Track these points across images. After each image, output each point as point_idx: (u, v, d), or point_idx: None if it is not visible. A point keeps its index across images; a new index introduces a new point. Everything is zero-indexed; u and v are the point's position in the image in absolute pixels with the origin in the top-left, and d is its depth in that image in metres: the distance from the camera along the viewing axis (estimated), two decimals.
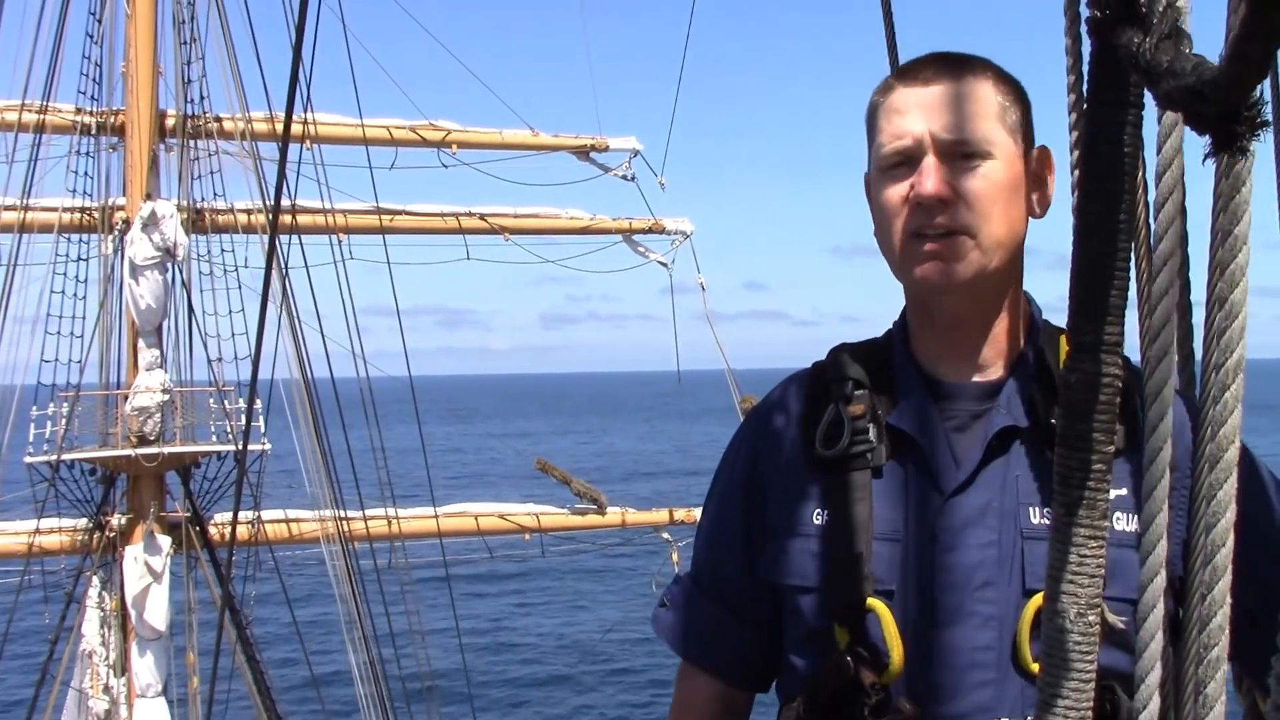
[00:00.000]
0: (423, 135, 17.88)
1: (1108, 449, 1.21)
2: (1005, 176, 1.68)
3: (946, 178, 1.66)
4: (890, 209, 1.71)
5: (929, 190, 1.65)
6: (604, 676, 29.06)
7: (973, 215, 1.66)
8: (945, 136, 1.67)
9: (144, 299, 15.18)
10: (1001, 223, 1.68)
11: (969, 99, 1.68)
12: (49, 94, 16.15)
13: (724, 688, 1.94)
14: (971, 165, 1.67)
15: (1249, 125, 0.86)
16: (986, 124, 1.68)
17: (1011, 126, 1.70)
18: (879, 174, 1.74)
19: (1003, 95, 1.71)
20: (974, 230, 1.66)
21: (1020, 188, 1.71)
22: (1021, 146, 1.72)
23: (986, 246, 1.67)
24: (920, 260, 1.69)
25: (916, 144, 1.68)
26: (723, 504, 1.92)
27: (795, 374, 1.91)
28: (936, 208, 1.66)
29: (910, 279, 1.73)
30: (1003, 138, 1.69)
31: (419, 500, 18.28)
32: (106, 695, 15.42)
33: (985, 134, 1.67)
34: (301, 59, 3.17)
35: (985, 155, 1.67)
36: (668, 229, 19.26)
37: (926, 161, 1.67)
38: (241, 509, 13.65)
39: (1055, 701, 1.22)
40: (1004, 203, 1.68)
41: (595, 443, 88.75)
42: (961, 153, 1.67)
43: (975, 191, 1.66)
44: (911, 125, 1.69)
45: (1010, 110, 1.71)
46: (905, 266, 1.72)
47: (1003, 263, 1.70)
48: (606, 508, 18.15)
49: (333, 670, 20.92)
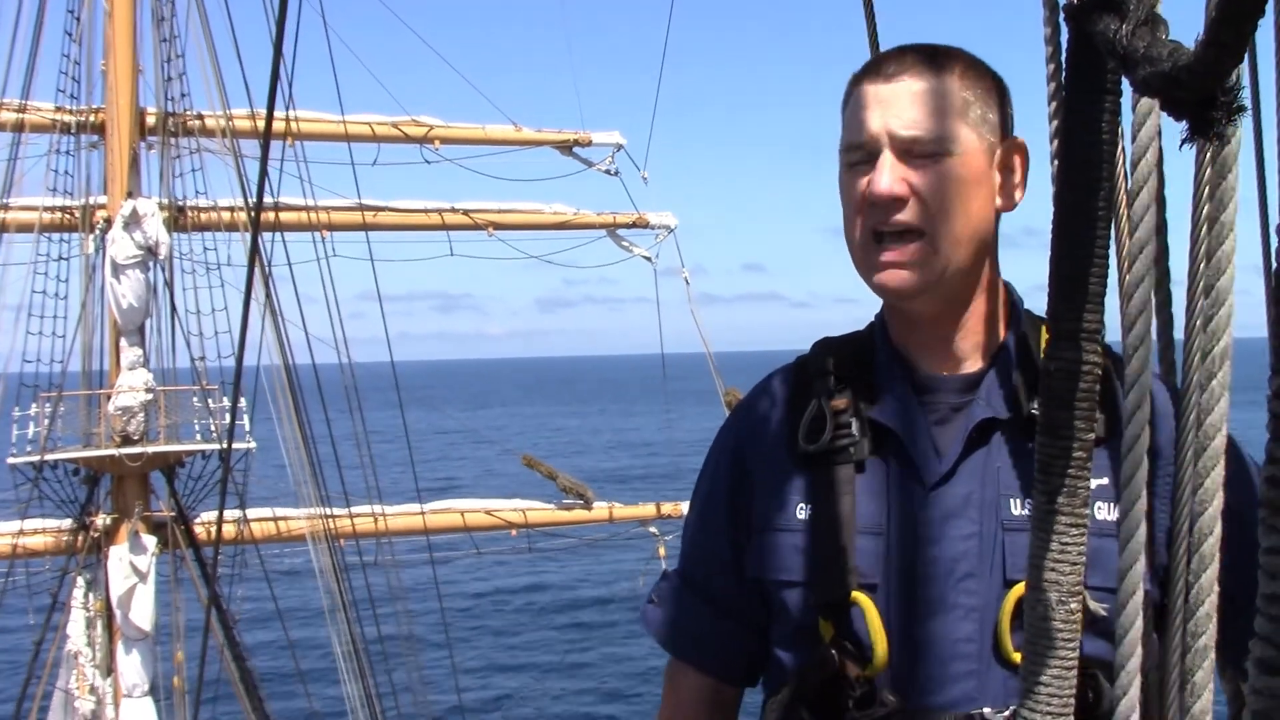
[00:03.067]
0: (405, 131, 17.85)
1: (1088, 436, 1.21)
2: (965, 173, 1.67)
3: (902, 175, 1.65)
4: (851, 205, 1.71)
5: (881, 189, 1.65)
6: (592, 672, 29.07)
7: (929, 213, 1.65)
8: (901, 134, 1.66)
9: (126, 298, 15.11)
10: (960, 220, 1.67)
11: (930, 95, 1.67)
12: (27, 92, 16.13)
13: (712, 683, 1.94)
14: (930, 163, 1.66)
15: (1226, 110, 0.85)
16: (946, 120, 1.67)
17: (975, 121, 1.69)
18: (843, 168, 1.74)
19: (969, 89, 1.70)
20: (929, 228, 1.65)
21: (984, 182, 1.70)
22: (988, 140, 1.71)
23: (944, 246, 1.67)
24: (877, 268, 1.69)
25: (874, 140, 1.68)
26: (708, 500, 1.92)
27: (779, 368, 1.91)
28: (892, 205, 1.66)
29: (870, 285, 1.73)
30: (964, 133, 1.68)
31: (404, 493, 18.25)
32: (93, 696, 15.37)
33: (944, 131, 1.66)
34: (282, 55, 3.15)
35: (944, 153, 1.66)
36: (651, 223, 19.26)
37: (882, 159, 1.66)
38: (227, 508, 13.62)
39: (1038, 689, 1.22)
40: (964, 199, 1.67)
41: (583, 431, 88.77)
42: (918, 151, 1.66)
43: (931, 189, 1.65)
44: (871, 121, 1.68)
45: (975, 105, 1.70)
46: (864, 272, 1.72)
47: (966, 259, 1.69)
48: (593, 502, 18.16)
49: (320, 668, 20.88)
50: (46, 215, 16.13)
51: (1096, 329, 1.20)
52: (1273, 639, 0.65)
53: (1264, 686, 0.64)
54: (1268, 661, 0.64)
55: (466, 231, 18.55)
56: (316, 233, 16.52)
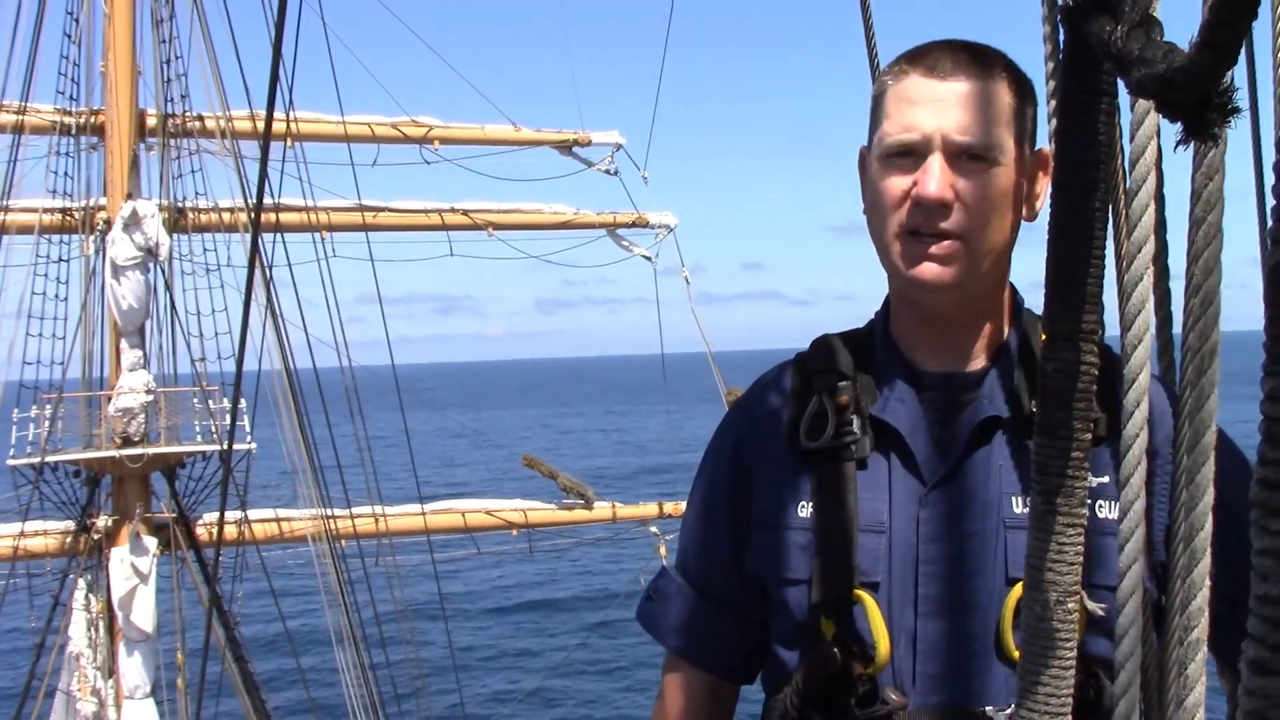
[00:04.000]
0: (405, 132, 17.83)
1: (1085, 436, 1.21)
2: (1008, 183, 1.66)
3: (950, 180, 1.63)
4: (888, 201, 1.68)
5: (932, 193, 1.62)
6: (590, 669, 29.06)
7: (971, 221, 1.64)
8: (957, 139, 1.63)
9: (126, 299, 15.10)
10: (997, 229, 1.66)
11: (986, 101, 1.65)
12: (27, 94, 16.08)
13: (710, 680, 1.94)
14: (978, 170, 1.64)
15: (1221, 112, 0.85)
16: (999, 129, 1.65)
17: (1019, 131, 1.68)
18: (880, 160, 1.70)
19: (1016, 98, 1.68)
20: (970, 236, 1.64)
21: (1018, 192, 1.69)
22: (1025, 149, 1.69)
23: (979, 252, 1.65)
24: (915, 260, 1.66)
25: (925, 141, 1.64)
26: (708, 496, 1.92)
27: (779, 365, 1.90)
28: (937, 210, 1.63)
29: (901, 275, 1.70)
30: (1009, 143, 1.66)
31: (405, 493, 18.23)
32: (94, 697, 15.36)
33: (996, 139, 1.64)
34: (282, 56, 3.14)
35: (993, 161, 1.64)
36: (651, 223, 19.24)
37: (932, 160, 1.64)
38: (228, 509, 13.62)
39: (1036, 688, 1.22)
40: (1002, 209, 1.66)
41: (584, 431, 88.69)
42: (969, 156, 1.64)
43: (978, 198, 1.63)
44: (923, 120, 1.65)
45: (1020, 113, 1.68)
46: (898, 263, 1.69)
47: (995, 265, 1.69)
48: (594, 502, 18.14)
49: (321, 668, 20.88)
50: (46, 217, 16.10)
51: (1094, 329, 1.20)
52: (1266, 640, 0.65)
53: (1257, 687, 0.65)
54: (1260, 662, 0.65)
55: (466, 232, 18.54)
56: (316, 233, 16.51)
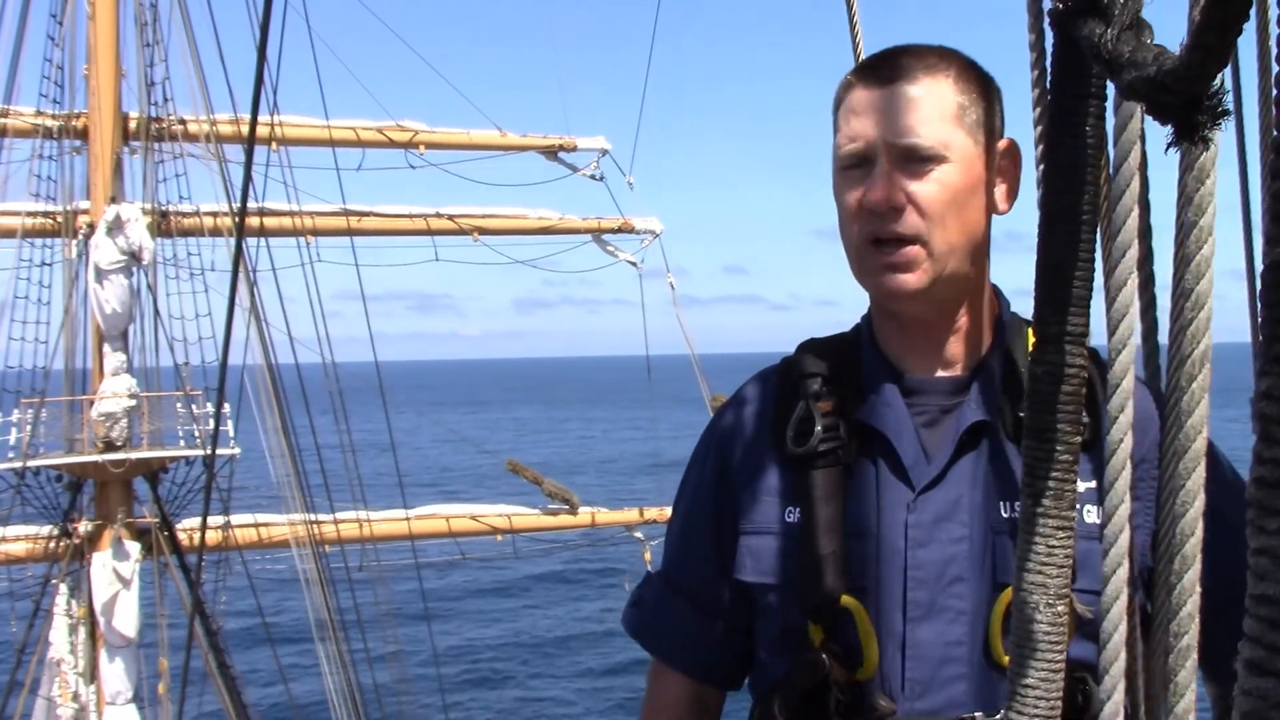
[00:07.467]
0: (390, 136, 17.81)
1: (1074, 440, 1.21)
2: (961, 180, 1.66)
3: (899, 184, 1.64)
4: (847, 212, 1.70)
5: (876, 198, 1.64)
6: (575, 675, 29.03)
7: (925, 222, 1.65)
8: (896, 142, 1.65)
9: (109, 303, 15.03)
10: (956, 227, 1.66)
11: (924, 101, 1.66)
12: (9, 96, 16.02)
13: (695, 686, 1.93)
14: (924, 170, 1.65)
15: (1211, 115, 0.86)
16: (941, 127, 1.65)
17: (971, 125, 1.68)
18: (838, 174, 1.73)
19: (963, 93, 1.68)
20: (925, 237, 1.65)
21: (979, 188, 1.69)
22: (983, 144, 1.70)
23: (939, 253, 1.66)
24: (875, 271, 1.69)
25: (869, 148, 1.67)
26: (693, 502, 1.91)
27: (763, 370, 1.90)
28: (888, 214, 1.65)
29: (866, 287, 1.74)
30: (960, 139, 1.66)
31: (389, 496, 18.20)
32: (76, 703, 15.27)
33: (939, 137, 1.65)
34: (266, 60, 3.14)
35: (938, 159, 1.65)
36: (637, 228, 19.25)
37: (878, 168, 1.66)
38: (211, 514, 13.55)
39: (1025, 692, 1.22)
40: (959, 206, 1.66)
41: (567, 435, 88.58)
42: (914, 158, 1.65)
43: (927, 198, 1.64)
44: (865, 129, 1.67)
45: (971, 109, 1.68)
46: (861, 274, 1.72)
47: (960, 264, 1.69)
48: (578, 507, 18.13)
49: (305, 674, 20.81)
50: (29, 220, 16.02)
51: (1082, 333, 1.20)
52: (1262, 640, 0.65)
53: (1254, 688, 0.64)
54: (1256, 663, 0.64)
55: (451, 236, 18.52)
56: (301, 237, 16.47)
